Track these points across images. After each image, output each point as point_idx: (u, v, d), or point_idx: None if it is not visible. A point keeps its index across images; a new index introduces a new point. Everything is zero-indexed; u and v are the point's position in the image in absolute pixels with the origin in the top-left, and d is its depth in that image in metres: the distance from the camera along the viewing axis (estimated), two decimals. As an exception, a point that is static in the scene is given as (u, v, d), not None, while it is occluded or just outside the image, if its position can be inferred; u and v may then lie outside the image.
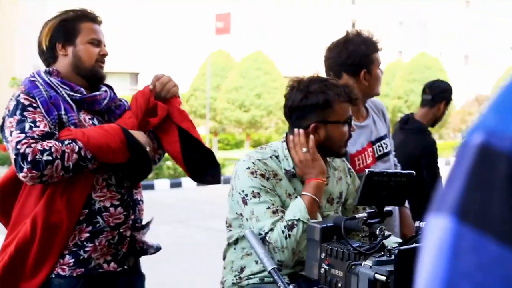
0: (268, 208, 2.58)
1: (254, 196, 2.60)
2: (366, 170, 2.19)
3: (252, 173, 2.63)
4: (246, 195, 2.61)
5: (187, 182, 14.90)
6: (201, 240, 9.12)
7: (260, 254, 2.46)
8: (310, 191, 2.64)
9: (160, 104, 2.83)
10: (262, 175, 2.64)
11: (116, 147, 2.61)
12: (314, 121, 2.68)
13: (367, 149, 3.44)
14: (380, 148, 3.55)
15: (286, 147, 2.73)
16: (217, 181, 3.03)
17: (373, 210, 2.25)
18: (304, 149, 2.67)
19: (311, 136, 2.68)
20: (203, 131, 20.54)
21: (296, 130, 2.70)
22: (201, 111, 19.51)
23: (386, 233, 2.20)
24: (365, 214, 2.22)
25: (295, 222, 2.55)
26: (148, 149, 2.73)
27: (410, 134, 4.85)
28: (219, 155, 18.81)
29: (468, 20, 59.70)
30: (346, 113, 2.73)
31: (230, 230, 2.81)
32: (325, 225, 2.35)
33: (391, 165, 3.64)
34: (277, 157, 2.72)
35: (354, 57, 3.34)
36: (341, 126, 2.72)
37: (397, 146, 4.42)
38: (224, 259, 2.88)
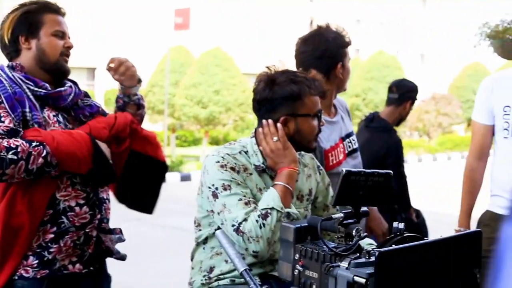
0: (240, 199, 2.54)
1: (225, 189, 2.55)
2: (344, 169, 2.13)
3: (222, 166, 2.59)
4: (217, 188, 2.56)
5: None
6: (159, 239, 9.03)
7: (231, 254, 2.40)
8: (282, 180, 2.60)
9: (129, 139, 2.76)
10: (232, 168, 2.60)
11: (82, 157, 2.53)
12: (283, 114, 2.65)
13: (339, 145, 3.44)
14: (350, 144, 3.55)
15: (255, 143, 2.70)
16: (148, 212, 2.97)
17: (349, 211, 2.20)
18: (275, 138, 2.63)
19: (279, 125, 2.64)
20: (160, 127, 20.40)
21: (264, 121, 2.67)
22: (159, 107, 19.36)
23: (362, 234, 2.16)
24: (342, 215, 2.17)
25: (269, 211, 2.50)
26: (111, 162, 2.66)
27: (376, 133, 4.85)
28: (177, 152, 18.74)
29: (425, 19, 60.31)
30: (316, 106, 2.70)
31: (200, 230, 2.74)
32: (299, 225, 2.30)
33: (359, 161, 3.63)
34: (246, 152, 2.69)
35: (331, 50, 3.35)
36: (311, 119, 2.69)
37: (362, 144, 4.41)
38: (192, 259, 2.80)
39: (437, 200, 11.87)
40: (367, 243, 2.49)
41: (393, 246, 1.94)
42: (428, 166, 19.58)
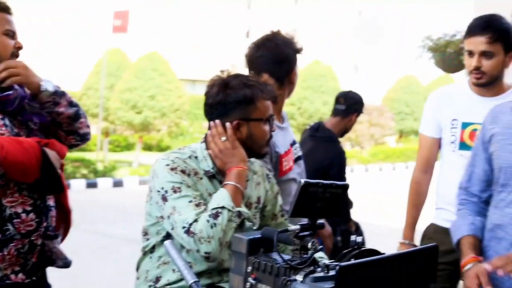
0: (190, 201, 2.48)
1: (175, 191, 2.49)
2: (302, 180, 2.09)
3: (172, 169, 2.53)
4: (166, 191, 2.49)
5: (77, 184, 14.54)
6: (91, 246, 8.85)
7: (181, 266, 2.33)
8: (232, 179, 2.55)
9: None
10: (183, 171, 2.55)
11: (29, 166, 2.42)
12: (236, 118, 2.62)
13: (291, 150, 3.43)
14: (295, 151, 3.55)
15: (206, 148, 2.66)
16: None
17: (305, 223, 2.15)
18: (223, 138, 2.60)
19: (227, 124, 2.61)
20: (94, 131, 20.08)
21: (212, 122, 2.63)
22: (93, 110, 19.03)
23: (318, 247, 2.11)
24: (298, 227, 2.13)
25: (220, 210, 2.45)
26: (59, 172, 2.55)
27: (321, 142, 4.84)
28: (110, 157, 18.48)
29: (359, 30, 61.08)
30: (268, 111, 2.68)
31: (147, 239, 2.66)
32: (252, 237, 2.25)
33: (303, 169, 3.63)
34: (196, 157, 2.64)
35: (288, 55, 3.36)
36: (263, 124, 2.66)
37: (306, 153, 4.40)
38: (137, 269, 2.72)
39: (369, 210, 11.97)
40: (319, 256, 2.45)
41: (354, 261, 1.90)
42: (360, 177, 19.78)
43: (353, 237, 2.05)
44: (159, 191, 2.51)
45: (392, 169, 24.08)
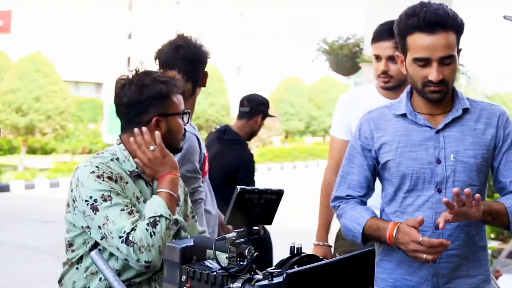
0: (123, 209, 2.40)
1: (105, 200, 2.40)
2: (238, 187, 2.05)
3: (98, 176, 2.45)
4: (96, 200, 2.41)
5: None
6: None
7: (110, 277, 2.27)
8: (165, 187, 2.52)
9: None
10: (110, 178, 2.47)
11: None
12: (155, 115, 2.58)
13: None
14: (204, 152, 3.56)
15: (125, 148, 2.59)
16: None
17: (241, 230, 2.12)
18: (152, 147, 2.54)
19: (157, 132, 2.56)
20: (-25, 134, 19.31)
21: (136, 129, 2.57)
22: (-28, 113, 18.32)
23: (254, 253, 2.09)
24: (234, 234, 2.09)
25: (158, 219, 2.40)
26: None
27: (228, 145, 4.83)
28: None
29: (242, 31, 61.55)
30: (182, 105, 2.68)
31: (73, 251, 2.55)
32: (185, 245, 2.19)
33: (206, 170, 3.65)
34: (117, 159, 2.57)
35: (204, 60, 3.43)
36: (179, 118, 2.65)
37: (213, 155, 4.40)
38: (60, 282, 2.61)
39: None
40: None
41: (299, 267, 1.88)
42: (250, 177, 19.90)
43: (292, 243, 2.04)
44: (87, 201, 2.41)
45: (281, 169, 24.39)
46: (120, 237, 2.35)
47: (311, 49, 7.17)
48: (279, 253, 2.62)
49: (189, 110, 2.72)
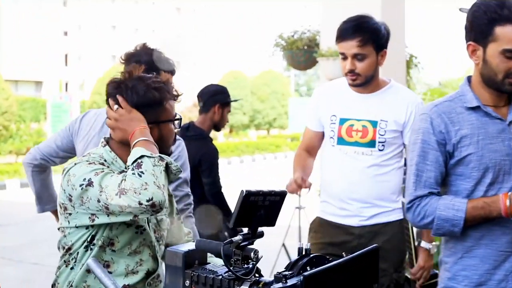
0: (112, 175, 2.36)
1: (97, 174, 2.36)
2: (243, 190, 2.04)
3: (90, 163, 2.43)
4: (90, 179, 2.36)
5: None
6: None
7: (109, 285, 2.23)
8: (138, 137, 2.45)
9: None
10: (102, 164, 2.46)
11: None
12: (148, 122, 2.53)
13: None
14: None
15: (110, 150, 2.56)
16: None
17: (247, 232, 2.12)
18: (115, 106, 2.52)
19: (117, 96, 2.52)
20: None
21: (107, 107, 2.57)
22: None
23: (260, 256, 2.09)
24: (240, 237, 2.08)
25: (139, 160, 2.34)
26: None
27: (193, 141, 4.82)
28: None
29: (180, 26, 61.29)
30: (174, 111, 2.64)
31: (70, 254, 2.52)
32: (187, 250, 2.18)
33: None
34: (105, 161, 2.53)
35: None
36: (170, 124, 2.62)
37: (180, 152, 4.40)
38: (53, 285, 2.57)
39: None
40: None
41: (314, 269, 1.89)
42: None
43: (299, 244, 2.05)
44: (81, 184, 2.36)
45: (228, 164, 24.38)
46: (116, 192, 2.29)
47: (253, 42, 7.20)
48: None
49: (181, 116, 2.67)
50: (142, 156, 2.36)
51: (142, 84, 2.52)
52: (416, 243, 3.82)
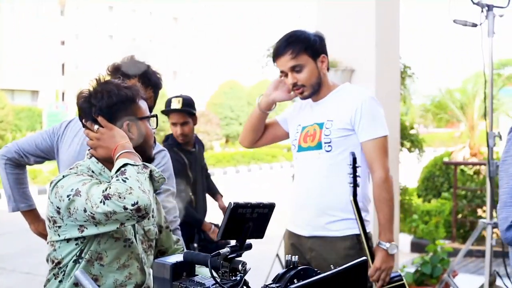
0: (99, 185, 2.34)
1: (85, 184, 2.34)
2: (231, 202, 2.03)
3: (78, 175, 2.42)
4: (77, 188, 2.34)
5: None
6: None
7: (96, 296, 2.21)
8: (120, 150, 2.45)
9: None
10: (90, 176, 2.45)
11: None
12: (125, 119, 2.55)
13: None
14: None
15: (97, 161, 2.55)
16: None
17: (235, 245, 2.10)
18: (95, 127, 2.53)
19: (100, 118, 2.52)
20: None
21: (84, 129, 2.58)
22: None
23: (248, 268, 2.08)
24: (228, 250, 2.07)
25: (123, 168, 2.34)
26: None
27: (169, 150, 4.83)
28: None
29: (177, 36, 61.31)
30: (147, 111, 2.65)
31: (60, 268, 2.49)
32: (175, 262, 2.17)
33: None
34: (93, 171, 2.53)
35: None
36: (147, 122, 2.62)
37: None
38: None
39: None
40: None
41: (301, 282, 1.88)
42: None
43: (288, 257, 2.03)
44: (69, 195, 2.34)
45: (223, 174, 24.36)
46: (100, 200, 2.26)
47: (250, 51, 7.19)
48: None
49: (156, 114, 2.69)
50: (125, 164, 2.35)
51: (111, 85, 2.55)
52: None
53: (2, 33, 46.65)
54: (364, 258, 2.12)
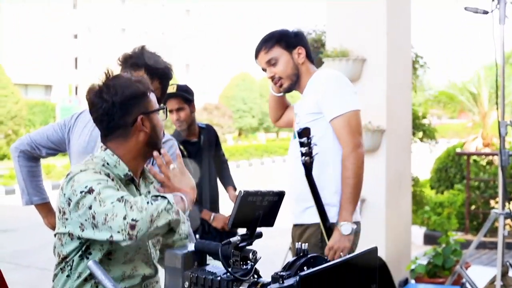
0: (116, 190, 2.36)
1: (100, 184, 2.34)
2: (241, 190, 2.04)
3: (96, 172, 2.41)
4: (92, 186, 2.33)
5: None
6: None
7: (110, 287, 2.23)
8: (179, 193, 2.50)
9: None
10: (108, 175, 2.44)
11: None
12: (138, 114, 2.53)
13: None
14: None
15: (113, 154, 2.53)
16: None
17: (245, 233, 2.12)
18: (172, 166, 2.55)
19: (178, 152, 2.62)
20: None
21: (155, 153, 2.55)
22: None
23: (258, 257, 2.09)
24: (239, 238, 2.08)
25: (159, 198, 2.35)
26: None
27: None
28: None
29: (189, 29, 61.26)
30: (156, 102, 2.65)
31: (66, 262, 2.50)
32: (186, 251, 2.18)
33: None
34: (108, 164, 2.52)
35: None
36: (158, 115, 2.63)
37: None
38: None
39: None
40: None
41: (311, 269, 1.88)
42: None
43: (298, 245, 2.04)
44: (82, 191, 2.34)
45: (236, 167, 24.39)
46: (112, 201, 2.27)
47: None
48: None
49: (165, 106, 2.74)
50: (164, 197, 2.35)
51: (123, 80, 2.54)
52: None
53: (15, 28, 46.80)
54: (374, 246, 2.13)
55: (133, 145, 2.53)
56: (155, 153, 2.55)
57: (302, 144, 3.33)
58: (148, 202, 2.29)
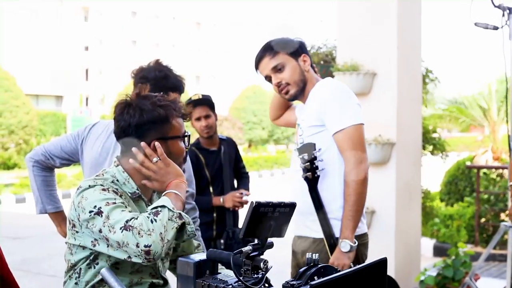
0: (123, 210, 2.38)
1: (108, 204, 2.38)
2: (253, 201, 2.08)
3: (104, 190, 2.44)
4: (100, 207, 2.38)
5: None
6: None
7: (123, 294, 2.26)
8: (171, 188, 2.50)
9: None
10: (115, 192, 2.47)
11: None
12: (154, 138, 2.56)
13: None
14: None
15: (124, 170, 2.58)
16: None
17: (257, 243, 2.15)
18: (155, 159, 2.54)
19: (157, 143, 2.54)
20: None
21: (134, 149, 2.55)
22: None
23: (269, 266, 2.12)
24: (250, 248, 2.12)
25: (160, 209, 2.36)
26: None
27: None
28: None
29: (200, 41, 61.40)
30: (183, 128, 2.65)
31: (75, 270, 2.54)
32: (198, 260, 2.22)
33: None
34: (118, 181, 2.56)
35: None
36: (179, 141, 2.63)
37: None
38: None
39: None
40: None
41: (322, 278, 1.92)
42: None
43: (308, 255, 2.08)
44: (91, 211, 2.38)
45: (245, 178, 24.31)
46: (121, 227, 2.31)
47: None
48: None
49: (189, 133, 2.70)
50: (163, 206, 2.38)
51: (148, 102, 2.56)
52: None
53: (27, 39, 47.06)
54: (384, 257, 2.16)
55: None
56: (133, 149, 2.56)
57: (303, 160, 3.33)
58: (151, 221, 2.31)
